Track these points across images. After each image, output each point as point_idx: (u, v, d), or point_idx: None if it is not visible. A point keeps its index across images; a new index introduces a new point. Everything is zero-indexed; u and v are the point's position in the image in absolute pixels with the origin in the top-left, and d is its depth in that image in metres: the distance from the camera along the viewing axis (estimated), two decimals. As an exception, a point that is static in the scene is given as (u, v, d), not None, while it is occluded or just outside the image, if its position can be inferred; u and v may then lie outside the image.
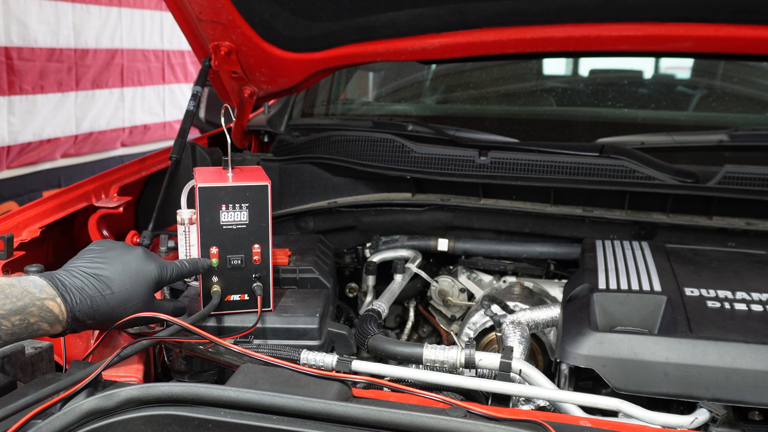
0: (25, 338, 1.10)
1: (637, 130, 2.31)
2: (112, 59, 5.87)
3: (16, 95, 4.90)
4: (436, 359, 1.30)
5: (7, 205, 4.94)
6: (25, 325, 1.08)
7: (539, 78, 3.15)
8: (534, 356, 1.67)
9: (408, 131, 2.23)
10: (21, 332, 1.08)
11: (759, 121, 2.69)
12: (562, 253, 1.93)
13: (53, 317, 1.11)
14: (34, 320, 1.09)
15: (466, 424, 0.96)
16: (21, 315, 1.07)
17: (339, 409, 0.98)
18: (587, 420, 1.09)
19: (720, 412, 1.16)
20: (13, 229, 1.58)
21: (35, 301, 1.09)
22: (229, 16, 1.81)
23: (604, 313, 1.41)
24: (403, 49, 1.90)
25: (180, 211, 1.50)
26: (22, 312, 1.07)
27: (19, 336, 1.08)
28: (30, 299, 1.08)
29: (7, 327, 1.05)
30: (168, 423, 0.99)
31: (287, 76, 2.07)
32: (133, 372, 1.25)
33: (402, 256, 1.97)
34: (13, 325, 1.06)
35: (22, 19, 4.86)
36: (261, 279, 1.42)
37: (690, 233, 1.85)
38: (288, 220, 2.11)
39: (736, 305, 1.38)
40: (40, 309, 1.09)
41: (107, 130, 5.93)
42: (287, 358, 1.22)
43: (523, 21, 1.77)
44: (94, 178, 1.90)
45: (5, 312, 1.05)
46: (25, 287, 1.09)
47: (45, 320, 1.10)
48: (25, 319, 1.07)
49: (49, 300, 1.11)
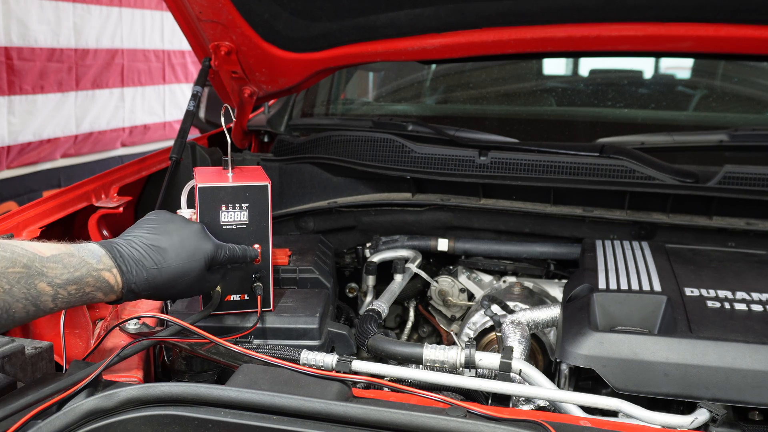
0: (79, 305, 1.14)
1: (637, 130, 2.30)
2: (113, 59, 5.87)
3: (16, 95, 4.90)
4: (436, 359, 1.30)
5: (7, 205, 4.94)
6: (81, 294, 1.10)
7: (539, 78, 3.15)
8: (534, 356, 1.67)
9: (408, 131, 2.23)
10: (76, 301, 1.11)
11: (759, 121, 2.69)
12: (562, 253, 1.93)
13: (108, 287, 1.14)
14: (89, 290, 1.11)
15: (466, 424, 0.96)
16: (77, 285, 1.09)
17: (339, 409, 0.98)
18: (587, 420, 1.09)
19: (720, 412, 1.16)
20: (13, 229, 1.58)
21: (92, 272, 1.11)
22: (229, 16, 1.81)
23: (604, 313, 1.41)
24: (403, 49, 1.90)
25: (180, 211, 1.50)
26: (78, 282, 1.09)
27: (73, 304, 1.11)
28: (87, 270, 1.10)
29: (63, 296, 1.08)
30: (168, 423, 0.99)
31: (287, 76, 2.07)
32: (133, 372, 1.25)
33: (402, 256, 1.97)
34: (69, 294, 1.09)
35: (23, 19, 4.86)
36: (261, 279, 1.42)
37: (690, 233, 1.85)
38: (288, 220, 2.11)
39: (736, 305, 1.38)
40: (96, 279, 1.12)
41: (107, 130, 5.93)
42: (287, 358, 1.22)
43: (523, 21, 1.77)
44: (94, 178, 1.90)
45: (62, 282, 1.07)
46: (83, 257, 1.11)
47: (100, 290, 1.13)
48: (81, 289, 1.10)
49: (105, 271, 1.13)
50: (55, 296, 1.07)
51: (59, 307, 1.09)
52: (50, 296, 1.06)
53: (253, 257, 1.38)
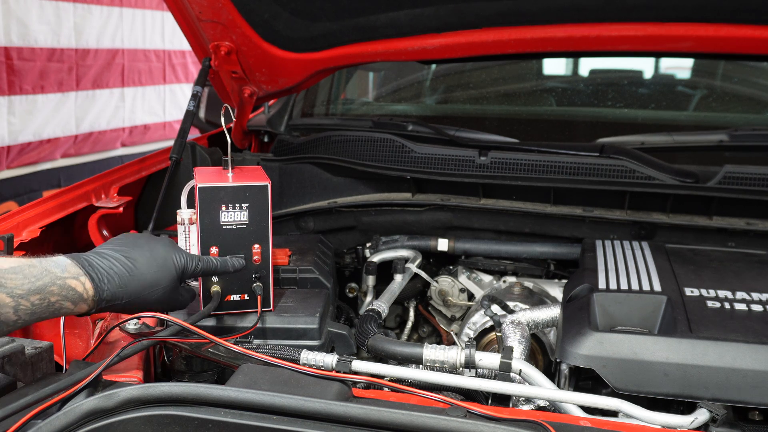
0: (49, 317, 1.10)
1: (637, 130, 2.30)
2: (113, 59, 5.87)
3: (16, 95, 4.89)
4: (436, 359, 1.30)
5: (7, 205, 4.94)
6: (46, 304, 1.07)
7: (539, 78, 3.15)
8: (534, 356, 1.67)
9: (408, 131, 2.23)
10: (42, 312, 1.08)
11: (759, 121, 2.69)
12: (562, 253, 1.93)
13: (76, 296, 1.11)
14: (55, 299, 1.08)
15: (466, 424, 0.96)
16: (41, 294, 1.06)
17: (339, 409, 0.98)
18: (587, 420, 1.09)
19: (720, 412, 1.16)
20: (13, 229, 1.58)
21: (56, 281, 1.08)
22: (229, 16, 1.81)
23: (604, 313, 1.41)
24: (403, 49, 1.90)
25: (180, 211, 1.50)
26: (41, 291, 1.06)
27: (41, 315, 1.08)
28: (50, 278, 1.08)
29: (26, 307, 1.05)
30: (168, 423, 0.99)
31: (287, 76, 2.07)
32: (133, 372, 1.25)
33: (402, 256, 1.97)
34: (32, 305, 1.06)
35: (23, 19, 4.86)
36: (261, 279, 1.42)
37: (690, 233, 1.85)
38: (288, 220, 2.11)
39: (736, 305, 1.38)
40: (62, 288, 1.09)
41: (107, 130, 5.93)
42: (287, 358, 1.22)
43: (523, 21, 1.77)
44: (94, 178, 1.90)
45: (23, 292, 1.05)
46: (46, 267, 1.09)
47: (67, 299, 1.10)
48: (45, 299, 1.07)
49: (71, 279, 1.10)
50: (17, 307, 1.04)
51: (24, 320, 1.06)
52: (11, 307, 1.03)
53: (235, 267, 1.37)
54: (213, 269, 1.33)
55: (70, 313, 1.13)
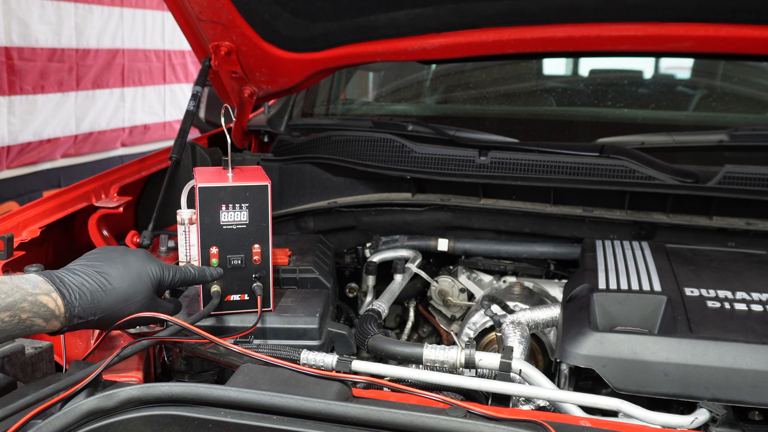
0: (20, 335, 1.08)
1: (637, 130, 2.30)
2: (113, 59, 5.87)
3: (16, 95, 4.90)
4: (436, 359, 1.30)
5: (7, 205, 4.94)
6: (17, 321, 1.06)
7: (539, 78, 3.15)
8: (534, 356, 1.67)
9: (408, 131, 2.23)
10: (12, 329, 1.06)
11: (759, 121, 2.69)
12: (562, 253, 1.93)
13: (48, 312, 1.09)
14: (26, 316, 1.07)
15: (466, 424, 0.96)
16: (11, 311, 1.05)
17: (339, 409, 0.98)
18: (587, 420, 1.09)
19: (720, 412, 1.16)
20: (13, 229, 1.58)
21: (27, 297, 1.07)
22: (229, 16, 1.81)
23: (604, 313, 1.41)
24: (403, 49, 1.90)
25: (180, 211, 1.50)
26: (11, 308, 1.05)
27: (11, 333, 1.06)
28: (21, 295, 1.06)
29: None
30: (168, 423, 0.99)
31: (287, 76, 2.07)
32: (133, 372, 1.25)
33: (402, 256, 1.97)
34: (2, 322, 1.04)
35: (24, 19, 4.86)
36: (261, 279, 1.42)
37: (690, 233, 1.85)
38: (288, 220, 2.11)
39: (736, 305, 1.38)
40: (33, 304, 1.07)
41: (107, 130, 5.93)
42: (287, 358, 1.22)
43: (523, 21, 1.77)
44: (94, 178, 1.90)
45: None
46: (16, 284, 1.07)
47: (39, 316, 1.08)
48: (16, 315, 1.05)
49: (42, 295, 1.09)
50: None
51: None
52: None
53: (213, 277, 1.36)
54: (191, 279, 1.32)
55: (41, 331, 1.11)
